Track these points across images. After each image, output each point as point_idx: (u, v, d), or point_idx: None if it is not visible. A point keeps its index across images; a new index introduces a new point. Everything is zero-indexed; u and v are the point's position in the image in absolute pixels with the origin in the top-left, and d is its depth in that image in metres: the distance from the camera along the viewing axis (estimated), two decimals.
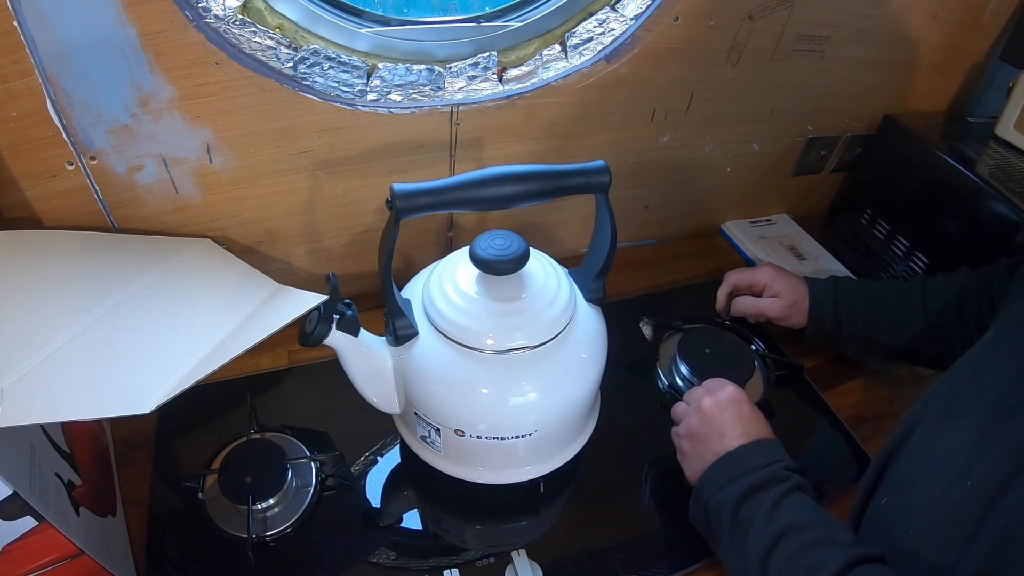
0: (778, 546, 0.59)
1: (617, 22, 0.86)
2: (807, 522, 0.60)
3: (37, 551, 0.54)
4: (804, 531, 0.59)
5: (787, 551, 0.59)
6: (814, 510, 0.63)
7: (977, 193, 0.92)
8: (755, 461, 0.67)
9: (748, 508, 0.63)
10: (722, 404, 0.72)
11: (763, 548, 0.60)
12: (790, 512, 0.62)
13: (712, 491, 0.67)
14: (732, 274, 0.97)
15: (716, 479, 0.67)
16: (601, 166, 0.64)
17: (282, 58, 0.74)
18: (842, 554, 0.56)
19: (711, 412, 0.72)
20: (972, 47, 1.12)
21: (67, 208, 0.76)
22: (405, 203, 0.57)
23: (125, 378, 0.59)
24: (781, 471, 0.65)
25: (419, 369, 0.66)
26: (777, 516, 0.61)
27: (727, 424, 0.70)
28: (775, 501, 0.62)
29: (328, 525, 0.73)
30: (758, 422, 0.71)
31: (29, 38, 0.63)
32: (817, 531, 0.59)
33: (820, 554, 0.57)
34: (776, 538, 0.60)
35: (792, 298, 0.90)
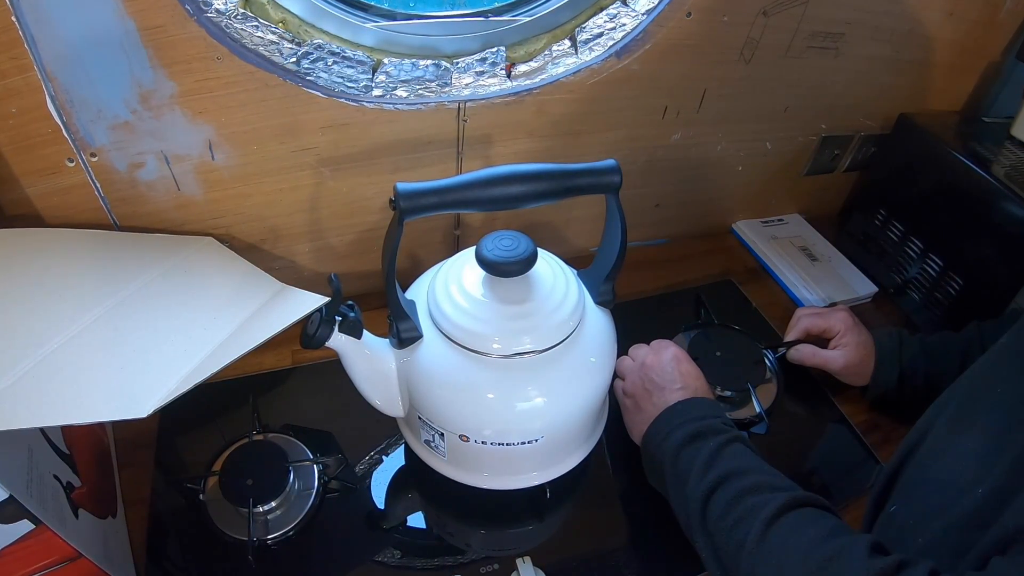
0: (717, 492, 0.61)
1: (628, 17, 0.85)
2: (746, 469, 0.63)
3: (35, 554, 0.53)
4: (742, 477, 0.62)
5: (725, 496, 0.61)
6: (753, 459, 0.65)
7: (993, 194, 0.91)
8: (694, 413, 0.70)
9: (686, 457, 0.66)
10: (664, 360, 0.76)
11: (702, 495, 0.62)
12: (729, 460, 0.64)
13: (656, 445, 0.70)
14: (805, 318, 0.92)
15: (658, 432, 0.70)
16: (612, 165, 0.62)
17: (285, 53, 0.73)
18: (781, 497, 0.58)
19: (653, 367, 0.75)
20: (988, 46, 1.10)
21: (68, 205, 0.75)
22: (409, 203, 0.56)
23: (123, 380, 0.58)
24: (719, 424, 0.68)
25: (423, 373, 0.65)
26: (716, 464, 0.63)
27: (667, 379, 0.74)
28: (714, 450, 0.64)
29: (330, 529, 0.72)
30: (698, 379, 0.75)
31: (28, 34, 0.62)
32: (755, 477, 0.62)
33: (759, 497, 0.59)
34: (715, 485, 0.62)
35: (858, 357, 0.86)
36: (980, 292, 0.95)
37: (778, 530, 0.56)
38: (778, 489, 0.60)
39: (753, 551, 0.56)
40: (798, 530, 0.56)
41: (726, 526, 0.59)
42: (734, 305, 1.07)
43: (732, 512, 0.59)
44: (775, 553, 0.55)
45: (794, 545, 0.54)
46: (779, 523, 0.56)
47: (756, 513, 0.57)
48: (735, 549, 0.58)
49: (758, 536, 0.56)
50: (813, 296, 1.06)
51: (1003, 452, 0.53)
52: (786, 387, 0.89)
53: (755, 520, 0.57)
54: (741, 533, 0.57)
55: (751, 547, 0.56)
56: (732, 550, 0.58)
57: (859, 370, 0.86)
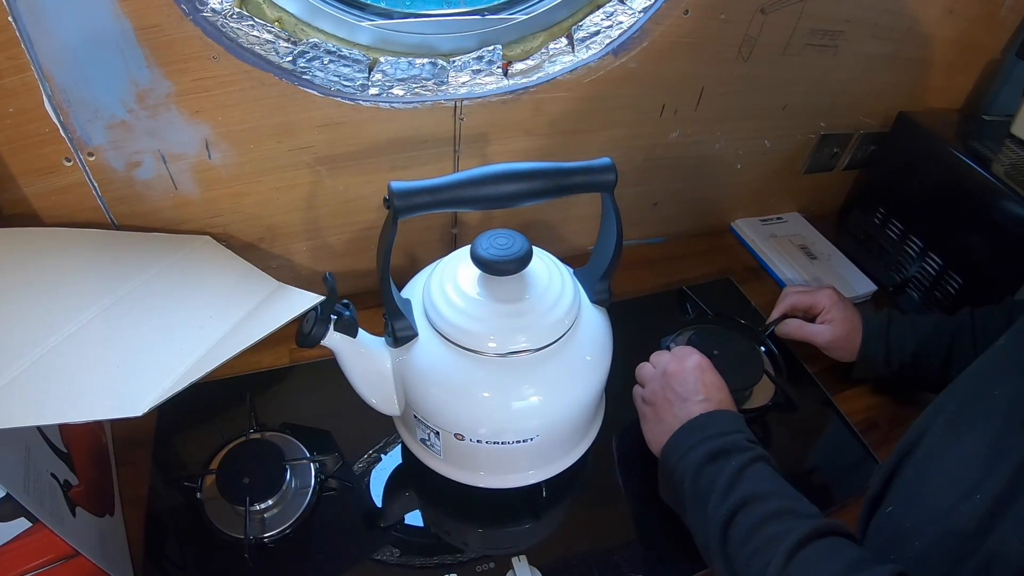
0: (738, 516, 0.59)
1: (625, 15, 0.85)
2: (769, 493, 0.60)
3: (32, 552, 0.53)
4: (766, 501, 0.59)
5: (747, 522, 0.58)
6: (777, 481, 0.62)
7: (993, 193, 0.91)
8: (716, 428, 0.67)
9: (708, 475, 0.63)
10: (687, 369, 0.73)
11: (724, 517, 0.60)
12: (752, 482, 0.61)
13: (675, 460, 0.67)
14: (791, 294, 0.94)
15: (678, 447, 0.68)
16: (606, 164, 0.62)
17: (281, 52, 0.73)
18: (804, 525, 0.56)
19: (675, 376, 0.73)
20: (988, 43, 1.10)
21: (66, 205, 0.75)
22: (403, 202, 0.56)
23: (119, 379, 0.58)
24: (743, 441, 0.65)
25: (418, 371, 0.65)
26: (739, 486, 0.61)
27: (690, 389, 0.71)
28: (737, 470, 0.62)
29: (327, 527, 0.72)
30: (721, 391, 0.72)
31: (25, 34, 0.62)
32: (779, 502, 0.59)
33: (782, 525, 0.57)
34: (737, 508, 0.59)
35: (844, 331, 0.87)
36: (979, 290, 0.95)
37: (800, 563, 0.54)
38: (801, 516, 0.58)
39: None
40: (820, 563, 0.54)
41: (747, 553, 0.57)
42: (733, 304, 1.06)
43: (753, 539, 0.57)
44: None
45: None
46: (801, 555, 0.54)
47: (778, 543, 0.55)
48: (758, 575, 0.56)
49: (779, 568, 0.54)
50: None
51: (1003, 457, 0.53)
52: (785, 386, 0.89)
53: (777, 550, 0.55)
54: (761, 562, 0.55)
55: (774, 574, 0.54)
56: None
57: (845, 345, 0.87)
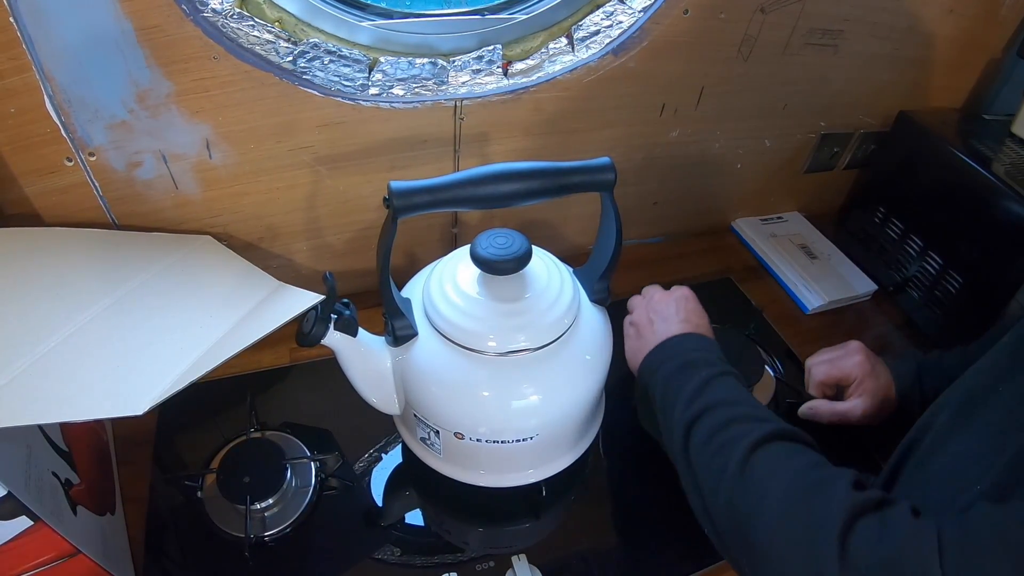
0: (702, 418, 0.61)
1: (625, 15, 0.85)
2: (734, 400, 0.62)
3: (33, 550, 0.53)
4: (729, 407, 0.61)
5: (710, 423, 0.60)
6: (743, 393, 0.64)
7: (993, 192, 0.91)
8: (690, 345, 0.70)
9: (676, 385, 0.65)
10: (672, 296, 0.77)
11: (687, 421, 0.62)
12: (718, 391, 0.63)
13: (648, 375, 0.70)
14: (817, 366, 0.84)
15: (651, 364, 0.70)
16: (605, 163, 0.62)
17: (281, 52, 0.73)
18: (766, 426, 0.58)
19: (660, 301, 0.76)
20: (988, 42, 1.10)
21: (67, 204, 0.75)
22: (403, 201, 0.56)
23: (120, 378, 0.58)
24: (713, 358, 0.68)
25: (418, 371, 0.65)
26: (704, 394, 0.63)
27: (671, 313, 0.74)
28: (704, 380, 0.64)
29: (327, 526, 0.72)
30: (702, 318, 0.75)
31: (26, 34, 0.62)
32: (743, 408, 0.61)
33: (743, 427, 0.58)
34: (700, 412, 0.61)
35: (878, 401, 0.79)
36: (980, 290, 0.95)
37: (761, 458, 0.55)
38: (764, 420, 0.59)
39: (735, 477, 0.55)
40: (781, 460, 0.55)
41: (708, 452, 0.58)
42: (733, 304, 1.06)
43: (715, 439, 0.59)
44: (756, 481, 0.54)
45: (777, 474, 0.54)
46: (762, 451, 0.56)
47: (739, 440, 0.57)
48: (716, 475, 0.57)
49: (740, 462, 0.55)
50: (813, 294, 1.06)
51: (1002, 451, 0.53)
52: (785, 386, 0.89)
53: (738, 447, 0.56)
54: (723, 459, 0.57)
55: (732, 473, 0.55)
56: (713, 476, 0.57)
57: (879, 413, 0.80)
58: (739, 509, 0.54)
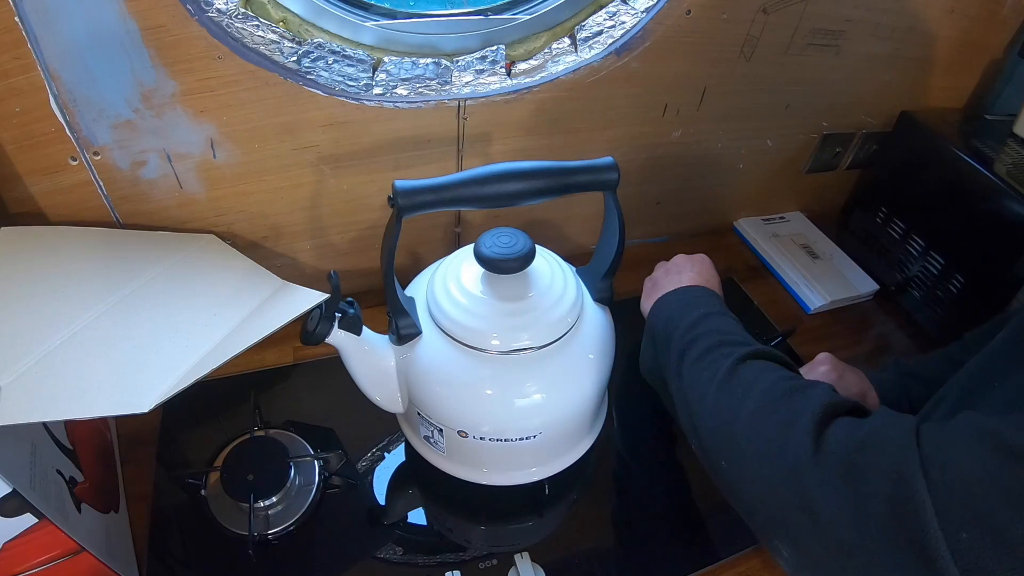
0: (697, 342, 0.64)
1: (628, 15, 0.85)
2: (729, 330, 0.65)
3: (37, 548, 0.53)
4: (723, 334, 0.64)
5: (703, 344, 0.63)
6: (740, 328, 0.66)
7: (995, 192, 0.91)
8: (696, 293, 0.73)
9: (676, 320, 0.68)
10: (692, 258, 0.80)
11: (682, 345, 0.64)
12: (715, 322, 0.66)
13: (654, 319, 0.73)
14: None
15: (659, 310, 0.73)
16: (609, 163, 0.62)
17: (286, 52, 0.73)
18: (755, 347, 0.61)
19: (679, 262, 0.80)
20: (990, 43, 1.10)
21: (71, 203, 0.76)
22: (407, 200, 0.56)
23: (124, 376, 0.58)
24: (717, 303, 0.71)
25: (422, 369, 0.65)
26: (701, 324, 0.66)
27: (686, 268, 0.78)
28: (703, 314, 0.67)
29: (330, 524, 0.72)
30: (714, 278, 0.78)
31: (31, 33, 0.62)
32: (737, 336, 0.64)
33: (734, 347, 0.61)
34: (695, 337, 0.64)
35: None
36: (981, 290, 0.95)
37: (748, 366, 0.58)
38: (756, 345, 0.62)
39: (722, 382, 0.58)
40: (767, 370, 0.57)
41: (699, 367, 0.61)
42: (735, 303, 1.06)
43: (707, 356, 0.61)
44: (741, 383, 0.57)
45: (760, 378, 0.56)
46: (750, 362, 0.59)
47: (730, 355, 0.60)
48: (705, 383, 0.59)
49: (728, 369, 0.58)
50: (815, 294, 1.06)
51: None
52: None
53: (727, 359, 0.59)
54: (712, 370, 0.59)
55: (720, 379, 0.58)
56: (702, 384, 0.60)
57: None
58: (722, 409, 0.57)
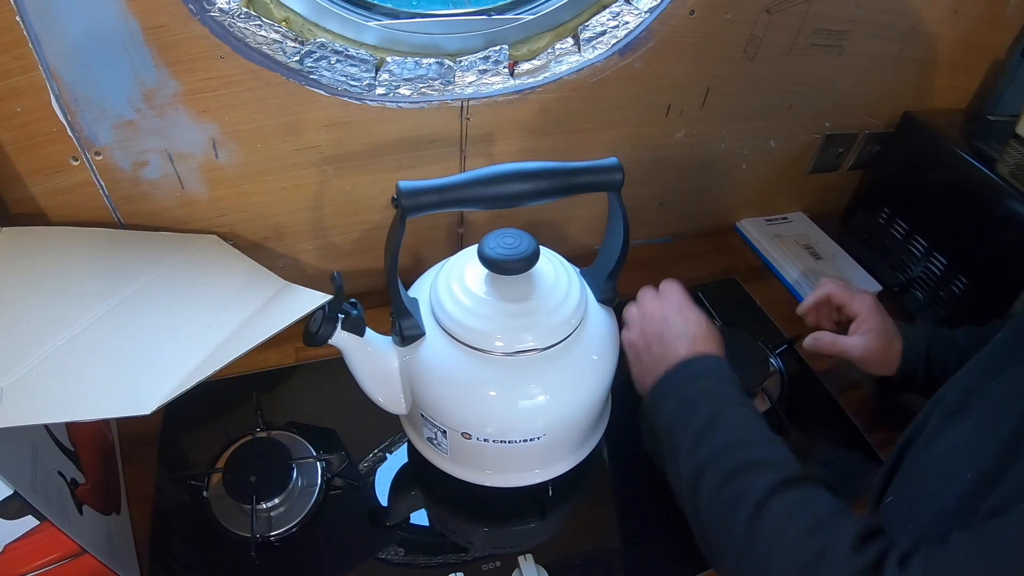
0: (707, 470, 0.58)
1: (631, 15, 0.85)
2: (737, 442, 0.59)
3: (39, 550, 0.53)
4: (734, 453, 0.58)
5: (715, 476, 0.57)
6: (748, 428, 0.61)
7: (997, 193, 0.91)
8: (690, 372, 0.66)
9: (680, 426, 0.62)
10: (666, 308, 0.72)
11: (692, 472, 0.59)
12: (721, 432, 0.60)
13: (653, 412, 0.66)
14: (830, 283, 0.85)
15: (655, 400, 0.67)
16: (613, 163, 0.62)
17: (288, 52, 0.73)
18: (771, 476, 0.55)
19: (655, 316, 0.72)
20: (993, 43, 1.10)
21: (73, 204, 0.75)
22: (411, 201, 0.56)
23: (126, 377, 0.58)
24: (714, 385, 0.64)
25: (425, 370, 0.65)
26: (706, 438, 0.60)
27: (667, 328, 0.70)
28: (705, 421, 0.61)
29: (333, 525, 0.72)
30: (700, 325, 0.70)
31: (32, 33, 0.62)
32: (748, 453, 0.58)
33: (747, 479, 0.56)
34: (705, 462, 0.59)
35: (881, 344, 0.80)
36: (984, 291, 0.94)
37: (764, 520, 0.54)
38: (767, 465, 0.57)
39: (741, 542, 0.54)
40: (784, 521, 0.53)
41: (714, 511, 0.57)
42: (738, 304, 1.06)
43: (719, 497, 0.57)
44: (761, 548, 0.53)
45: (780, 543, 0.53)
46: (766, 511, 0.54)
47: (743, 500, 0.55)
48: (724, 536, 0.56)
49: (745, 526, 0.54)
50: None
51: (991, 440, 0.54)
52: (790, 386, 0.89)
53: (742, 508, 0.55)
54: (728, 522, 0.55)
55: (738, 538, 0.54)
56: (721, 533, 0.56)
57: (882, 358, 0.80)
58: (746, 568, 0.54)
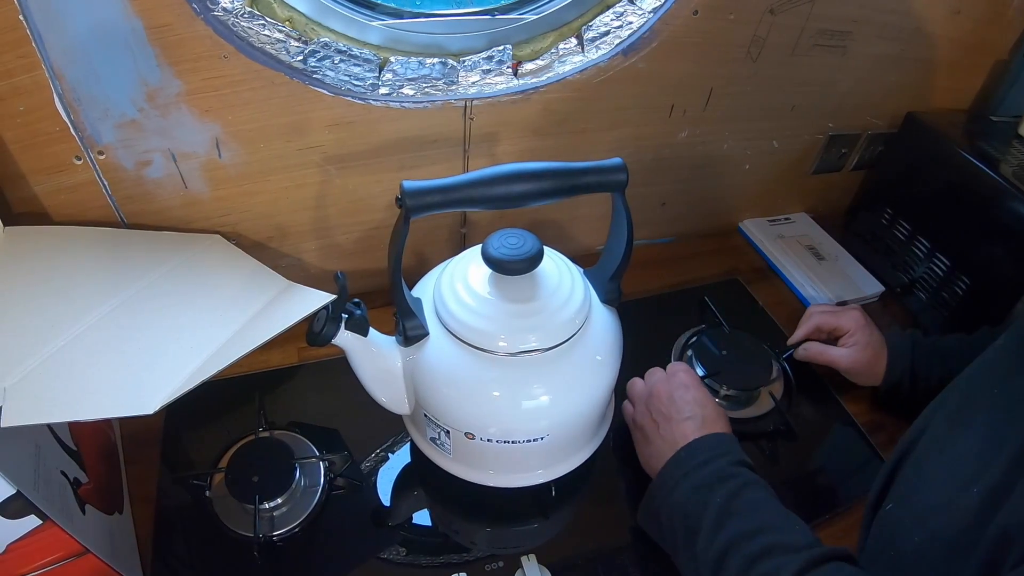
0: (728, 558, 0.57)
1: (635, 15, 0.85)
2: (757, 528, 0.58)
3: (42, 549, 0.53)
4: (754, 538, 0.57)
5: (736, 564, 0.57)
6: (766, 512, 0.61)
7: (1000, 193, 0.91)
8: (701, 457, 0.66)
9: (695, 514, 0.62)
10: (673, 387, 0.73)
11: (713, 560, 0.58)
12: (740, 518, 0.59)
13: (662, 498, 0.66)
14: (817, 314, 0.91)
15: (664, 485, 0.66)
16: (618, 164, 0.62)
17: (292, 51, 0.73)
18: (794, 561, 0.54)
19: (661, 396, 0.72)
20: (996, 44, 1.10)
21: (76, 203, 0.75)
22: (415, 201, 0.56)
23: (130, 377, 0.58)
24: (727, 466, 0.64)
25: (429, 370, 0.65)
26: (726, 524, 0.59)
27: (675, 408, 0.71)
28: (722, 504, 0.60)
29: (336, 525, 0.72)
30: (706, 407, 0.71)
31: (35, 32, 0.62)
32: (769, 538, 0.57)
33: (771, 562, 0.55)
34: (725, 548, 0.58)
35: (867, 355, 0.85)
36: (987, 292, 0.94)
37: None
38: (790, 550, 0.56)
39: None
40: None
41: None
42: (741, 304, 1.06)
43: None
44: None
45: None
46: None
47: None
48: None
49: None
50: (820, 295, 1.06)
51: (999, 450, 0.53)
52: (793, 388, 0.89)
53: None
54: None
55: None
56: None
57: (867, 369, 0.85)
58: None
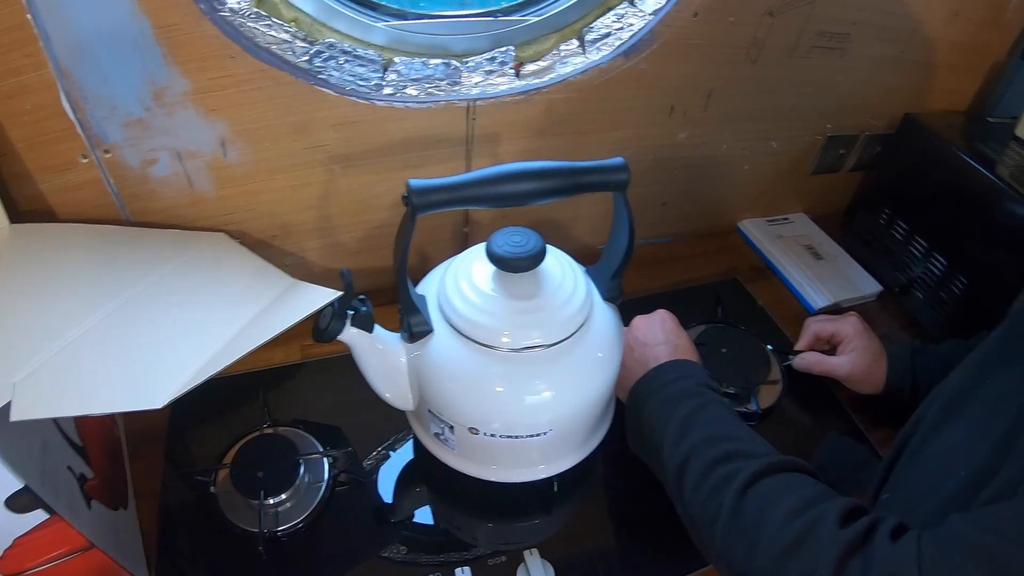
0: (689, 462, 0.61)
1: (636, 17, 0.85)
2: (718, 436, 0.62)
3: (48, 544, 0.54)
4: (715, 445, 0.61)
5: (698, 467, 0.60)
6: (726, 423, 0.64)
7: (997, 194, 0.91)
8: (669, 375, 0.70)
9: (659, 425, 0.66)
10: (651, 321, 0.79)
11: (676, 466, 0.62)
12: (701, 427, 0.64)
13: (635, 413, 0.71)
14: (815, 323, 0.91)
15: (636, 399, 0.71)
16: (620, 163, 0.63)
17: (297, 51, 0.73)
18: (754, 463, 0.58)
19: (639, 328, 0.78)
20: (993, 46, 1.10)
21: (82, 201, 0.76)
22: (421, 199, 0.56)
23: (137, 373, 0.58)
24: (692, 385, 0.68)
25: (433, 366, 0.65)
26: (688, 433, 0.63)
27: (650, 335, 0.76)
28: (685, 416, 0.65)
29: (339, 521, 0.73)
30: (680, 336, 0.77)
31: (43, 31, 0.63)
32: (728, 445, 0.61)
33: (730, 467, 0.59)
34: (687, 455, 0.62)
35: (866, 363, 0.84)
36: (985, 292, 0.95)
37: (750, 501, 0.56)
38: (751, 456, 0.60)
39: (727, 524, 0.56)
40: (770, 502, 0.55)
41: (700, 498, 0.59)
42: (740, 304, 1.07)
43: (705, 484, 0.59)
44: (747, 529, 0.55)
45: (765, 523, 0.54)
46: (751, 493, 0.56)
47: (728, 484, 0.57)
48: (709, 522, 0.58)
49: (731, 509, 0.56)
50: (819, 295, 1.07)
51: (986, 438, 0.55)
52: (792, 386, 0.90)
53: (727, 491, 0.57)
54: (714, 506, 0.57)
55: (724, 520, 0.56)
56: (707, 523, 0.58)
57: (867, 376, 0.85)
58: (733, 559, 0.55)
